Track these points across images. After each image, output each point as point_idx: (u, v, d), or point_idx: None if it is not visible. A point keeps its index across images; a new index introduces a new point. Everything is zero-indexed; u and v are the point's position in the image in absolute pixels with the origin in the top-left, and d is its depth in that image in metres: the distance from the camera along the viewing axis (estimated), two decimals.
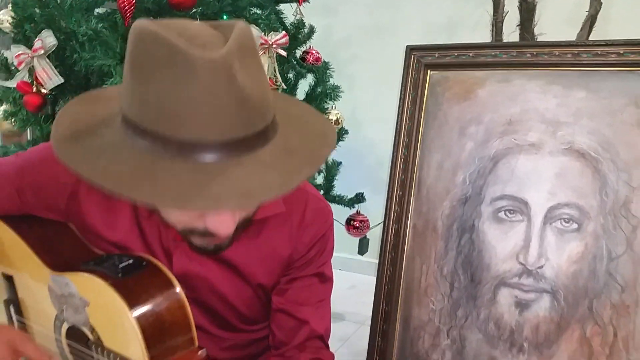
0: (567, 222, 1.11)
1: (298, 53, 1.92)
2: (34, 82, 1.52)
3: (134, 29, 0.63)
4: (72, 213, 0.87)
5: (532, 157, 1.15)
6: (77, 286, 0.80)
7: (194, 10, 1.54)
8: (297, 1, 1.84)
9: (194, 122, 0.60)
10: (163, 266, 0.81)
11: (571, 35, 1.66)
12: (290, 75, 1.89)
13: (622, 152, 1.09)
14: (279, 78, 1.66)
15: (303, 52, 1.92)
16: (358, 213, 2.16)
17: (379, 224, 1.36)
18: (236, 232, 0.75)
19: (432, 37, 2.34)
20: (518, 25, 1.74)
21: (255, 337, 0.95)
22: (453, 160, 1.24)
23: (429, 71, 1.31)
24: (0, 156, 1.19)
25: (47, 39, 1.49)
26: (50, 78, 1.49)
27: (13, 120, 1.59)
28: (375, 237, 1.46)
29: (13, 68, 1.62)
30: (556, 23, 1.82)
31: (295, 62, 1.91)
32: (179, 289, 0.79)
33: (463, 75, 1.27)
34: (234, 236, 0.76)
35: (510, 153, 1.18)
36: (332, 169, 2.11)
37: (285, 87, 1.74)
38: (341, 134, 2.08)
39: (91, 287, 0.79)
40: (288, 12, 1.87)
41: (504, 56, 1.22)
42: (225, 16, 1.62)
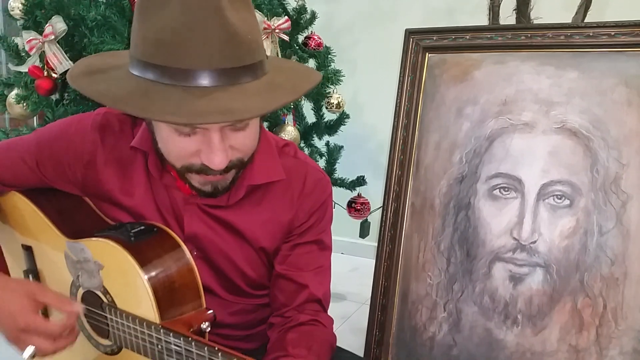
0: (560, 199, 1.13)
1: (300, 38, 1.95)
2: (45, 67, 1.56)
3: None
4: (89, 182, 0.91)
5: (526, 136, 1.18)
6: (92, 251, 0.84)
7: None
8: None
9: (186, 53, 0.70)
10: (173, 233, 0.86)
11: (567, 19, 1.67)
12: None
13: (613, 130, 1.11)
14: None
15: (305, 38, 1.94)
16: (359, 196, 2.19)
17: (380, 208, 1.39)
18: (232, 183, 0.84)
19: (432, 23, 2.32)
20: (514, 9, 1.75)
21: (260, 303, 0.99)
22: (450, 140, 1.27)
23: (427, 54, 1.33)
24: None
25: (57, 25, 1.53)
26: (60, 62, 1.53)
27: (25, 103, 1.62)
28: (376, 221, 1.49)
29: (24, 54, 1.66)
30: (552, 7, 1.83)
31: (297, 47, 1.94)
32: (188, 254, 0.84)
33: (460, 57, 1.29)
34: (231, 185, 0.84)
35: (505, 132, 1.20)
36: (334, 153, 2.14)
37: None
38: (342, 119, 2.11)
39: (105, 251, 0.83)
40: None
41: (500, 38, 1.25)
42: None
